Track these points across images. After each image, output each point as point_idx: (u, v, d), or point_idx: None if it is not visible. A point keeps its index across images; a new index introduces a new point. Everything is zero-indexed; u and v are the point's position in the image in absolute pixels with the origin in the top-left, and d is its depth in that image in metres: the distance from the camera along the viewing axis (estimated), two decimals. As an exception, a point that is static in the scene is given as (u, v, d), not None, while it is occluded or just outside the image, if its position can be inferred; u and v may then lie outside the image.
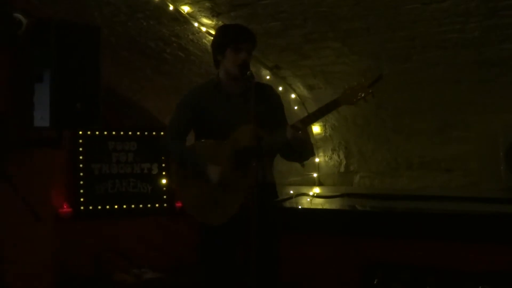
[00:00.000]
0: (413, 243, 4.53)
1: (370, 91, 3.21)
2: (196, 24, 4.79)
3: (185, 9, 4.65)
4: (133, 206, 6.00)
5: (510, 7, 3.71)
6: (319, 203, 5.47)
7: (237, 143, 3.37)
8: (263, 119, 3.29)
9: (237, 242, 3.45)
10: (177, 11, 4.66)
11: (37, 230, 4.50)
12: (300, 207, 5.46)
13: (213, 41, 3.60)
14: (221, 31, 3.62)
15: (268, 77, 5.19)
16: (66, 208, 5.67)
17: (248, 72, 3.26)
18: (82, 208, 5.74)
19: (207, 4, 4.50)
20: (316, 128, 5.54)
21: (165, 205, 6.13)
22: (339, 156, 5.54)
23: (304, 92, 5.33)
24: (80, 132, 5.78)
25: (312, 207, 5.46)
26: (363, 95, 3.22)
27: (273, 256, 3.46)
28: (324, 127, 5.47)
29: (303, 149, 3.41)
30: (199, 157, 3.46)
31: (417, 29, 4.11)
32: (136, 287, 5.33)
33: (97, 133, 5.89)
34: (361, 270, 4.65)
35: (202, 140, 3.54)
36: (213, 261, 3.53)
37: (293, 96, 5.40)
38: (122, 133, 6.02)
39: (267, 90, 3.62)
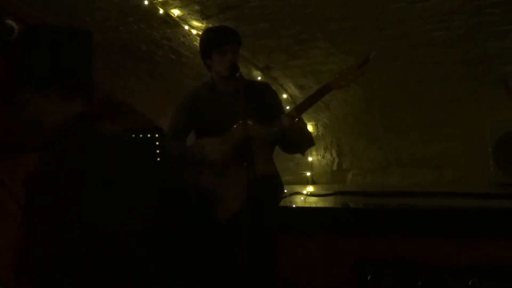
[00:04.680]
0: (405, 239, 4.57)
1: (361, 73, 3.26)
2: (186, 27, 4.83)
3: (175, 12, 4.70)
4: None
5: (495, 4, 3.75)
6: (313, 202, 5.50)
7: (236, 139, 3.40)
8: (258, 116, 3.36)
9: (236, 240, 3.49)
10: (167, 14, 4.71)
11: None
12: (294, 205, 5.50)
13: (199, 46, 3.66)
14: (204, 36, 3.68)
15: (259, 78, 5.24)
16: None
17: (238, 74, 3.32)
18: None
19: (196, 7, 4.55)
20: (308, 127, 5.58)
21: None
22: (331, 155, 5.58)
23: (296, 92, 5.37)
24: (75, 136, 5.81)
25: (306, 205, 5.49)
26: (353, 77, 3.27)
27: (266, 253, 3.49)
28: (316, 126, 5.52)
29: (301, 138, 3.46)
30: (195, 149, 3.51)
31: (403, 28, 4.15)
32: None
33: (91, 136, 5.93)
34: (355, 267, 4.69)
35: (199, 139, 3.59)
36: (213, 258, 3.57)
37: (284, 96, 5.44)
38: (116, 136, 6.04)
39: (262, 88, 3.69)
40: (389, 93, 4.77)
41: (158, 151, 5.63)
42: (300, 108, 3.39)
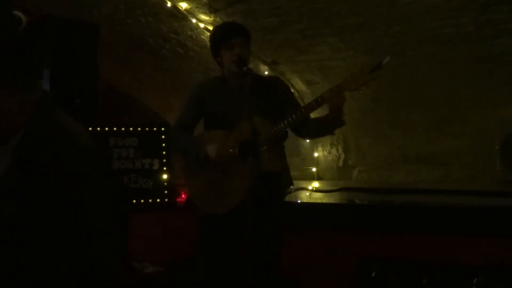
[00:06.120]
0: (410, 236, 4.56)
1: (373, 77, 3.24)
2: (194, 21, 4.83)
3: (183, 5, 4.70)
4: (134, 201, 6.04)
5: (503, 1, 3.73)
6: (318, 198, 5.50)
7: (242, 134, 3.41)
8: (267, 111, 3.35)
9: (238, 235, 3.48)
10: (175, 7, 4.71)
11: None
12: (299, 201, 5.50)
13: (210, 46, 3.67)
14: (212, 35, 3.68)
15: (266, 73, 5.23)
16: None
17: (245, 68, 3.30)
18: (83, 203, 5.77)
19: (204, 0, 4.55)
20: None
21: (166, 200, 6.16)
22: (337, 151, 5.57)
23: (303, 87, 5.36)
24: (82, 129, 5.82)
25: (311, 201, 5.49)
26: (364, 81, 3.25)
27: (272, 251, 3.49)
28: (322, 122, 5.50)
29: (337, 115, 3.41)
30: (198, 141, 3.55)
31: (411, 24, 4.13)
32: (136, 281, 5.37)
33: (98, 129, 5.92)
34: (359, 264, 4.68)
35: (210, 130, 3.63)
36: (214, 253, 3.57)
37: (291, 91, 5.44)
38: (123, 129, 6.04)
39: (272, 83, 3.68)
40: (396, 90, 4.75)
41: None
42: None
